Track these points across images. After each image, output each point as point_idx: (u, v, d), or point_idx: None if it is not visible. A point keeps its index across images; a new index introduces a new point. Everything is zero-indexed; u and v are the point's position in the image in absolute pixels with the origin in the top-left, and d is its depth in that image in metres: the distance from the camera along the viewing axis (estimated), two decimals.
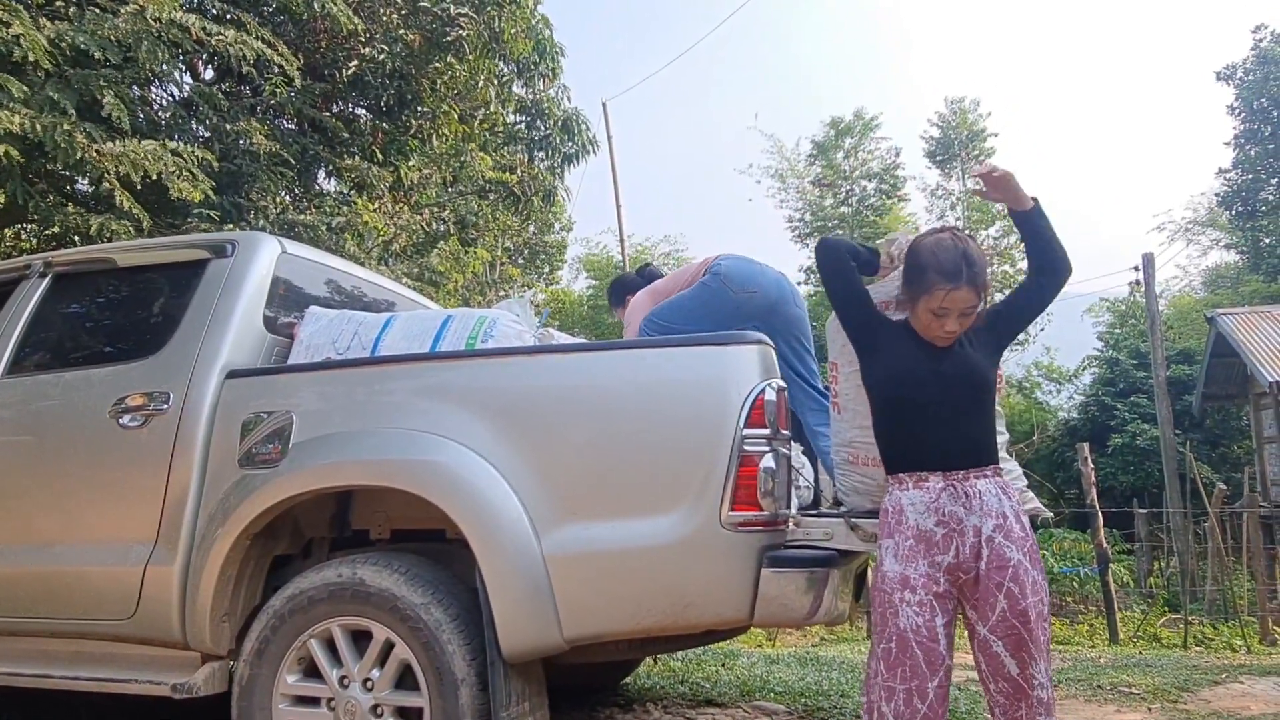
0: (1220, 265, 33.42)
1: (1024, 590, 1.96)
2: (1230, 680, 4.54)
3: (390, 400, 2.57)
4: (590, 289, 29.96)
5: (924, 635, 1.96)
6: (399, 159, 9.28)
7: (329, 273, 3.44)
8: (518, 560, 2.29)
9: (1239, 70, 27.26)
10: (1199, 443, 20.94)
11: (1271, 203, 26.96)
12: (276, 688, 2.46)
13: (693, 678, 4.38)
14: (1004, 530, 2.00)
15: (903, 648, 1.97)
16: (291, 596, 2.48)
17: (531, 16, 9.34)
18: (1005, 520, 2.01)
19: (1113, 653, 6.60)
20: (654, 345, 2.62)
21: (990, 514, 2.00)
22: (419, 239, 9.84)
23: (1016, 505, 2.05)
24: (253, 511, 2.53)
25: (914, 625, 1.96)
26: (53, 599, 2.77)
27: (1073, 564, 15.24)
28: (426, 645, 2.32)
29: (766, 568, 2.20)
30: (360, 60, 8.54)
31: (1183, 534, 12.56)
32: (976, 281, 2.03)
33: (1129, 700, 4.12)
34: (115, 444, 2.77)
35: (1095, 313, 33.29)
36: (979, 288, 2.04)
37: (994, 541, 1.99)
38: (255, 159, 7.39)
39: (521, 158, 10.50)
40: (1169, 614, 9.85)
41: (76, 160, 5.52)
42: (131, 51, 5.97)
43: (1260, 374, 15.10)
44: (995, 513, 2.00)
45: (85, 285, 3.29)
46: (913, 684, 1.95)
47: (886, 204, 28.72)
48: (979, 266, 2.03)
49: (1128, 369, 25.11)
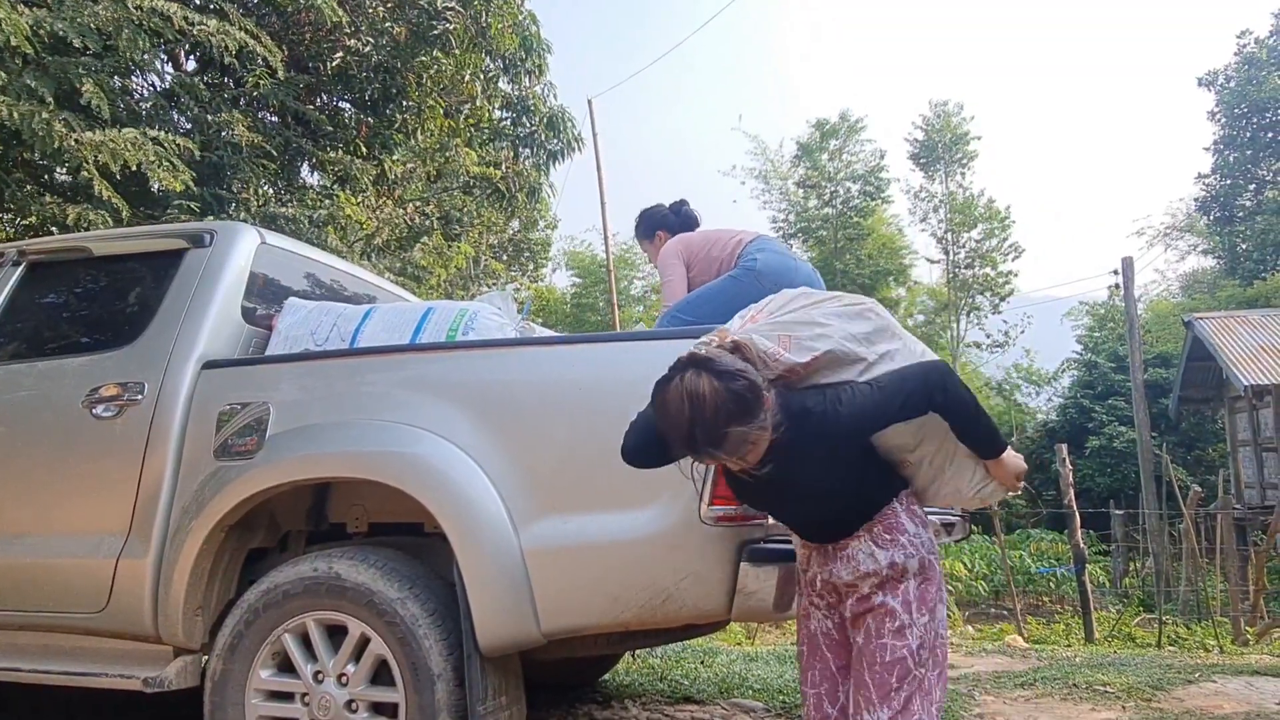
0: (1198, 270, 33.86)
1: (879, 632, 1.81)
2: (1203, 679, 4.59)
3: (369, 392, 2.54)
4: (574, 286, 29.94)
5: (834, 639, 1.97)
6: (383, 153, 9.22)
7: (309, 265, 3.41)
8: (496, 554, 2.27)
9: (1220, 76, 27.61)
10: (1175, 445, 21.19)
11: (1249, 208, 27.32)
12: (250, 682, 2.43)
13: (671, 675, 4.37)
14: (874, 581, 1.84)
15: (812, 649, 1.99)
16: (266, 590, 2.46)
17: (518, 12, 9.30)
18: (878, 573, 1.83)
19: (1088, 652, 6.66)
20: (634, 338, 2.61)
21: (860, 571, 1.85)
22: (402, 233, 9.79)
23: (894, 553, 1.83)
24: (228, 504, 2.50)
25: (824, 629, 1.98)
26: (23, 592, 2.72)
27: (1050, 564, 15.41)
28: (403, 640, 2.30)
29: (745, 562, 2.20)
30: (345, 53, 8.48)
31: (1158, 535, 12.70)
32: (720, 449, 1.66)
33: (1104, 699, 4.15)
34: (88, 434, 2.73)
35: (1074, 316, 33.64)
36: (728, 453, 1.68)
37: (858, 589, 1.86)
38: (237, 151, 7.33)
39: (506, 154, 10.45)
40: (1144, 614, 9.96)
41: (54, 149, 5.45)
42: (112, 40, 5.91)
43: (1235, 378, 15.29)
44: (867, 570, 1.84)
45: (60, 274, 3.24)
46: (823, 688, 1.97)
47: (870, 206, 28.87)
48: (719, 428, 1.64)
49: (1106, 372, 25.40)
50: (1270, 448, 15.68)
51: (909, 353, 1.91)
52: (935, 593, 1.86)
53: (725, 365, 1.68)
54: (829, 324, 1.86)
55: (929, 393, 1.77)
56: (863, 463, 1.84)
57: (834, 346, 1.83)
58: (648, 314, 29.66)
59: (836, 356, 1.83)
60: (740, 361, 1.72)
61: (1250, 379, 14.95)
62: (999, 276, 29.48)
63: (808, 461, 1.76)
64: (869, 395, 1.76)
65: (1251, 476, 16.24)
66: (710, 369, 1.67)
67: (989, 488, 1.91)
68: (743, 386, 1.67)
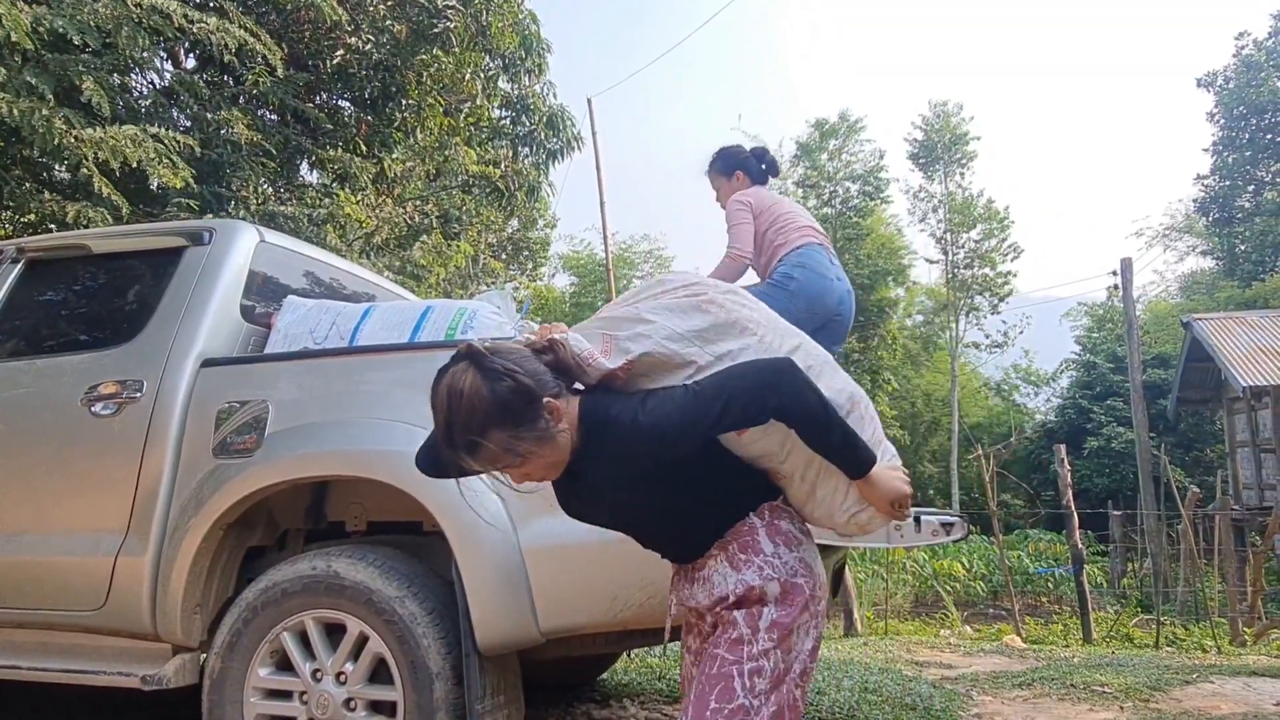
0: (1196, 271, 33.90)
1: (714, 640, 1.59)
2: (1201, 680, 4.60)
3: (368, 390, 2.54)
4: (572, 286, 29.96)
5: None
6: (383, 151, 9.22)
7: (308, 263, 3.41)
8: (494, 552, 2.27)
9: (1219, 77, 27.63)
10: (1173, 446, 21.22)
11: (1248, 209, 27.34)
12: (248, 681, 2.43)
13: (670, 674, 4.37)
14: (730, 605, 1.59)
15: (686, 681, 1.74)
16: (265, 589, 2.46)
17: (518, 11, 9.30)
18: (732, 597, 1.58)
19: (1086, 652, 6.67)
20: None
21: (714, 595, 1.60)
22: (401, 232, 9.78)
23: (748, 575, 1.57)
24: (226, 502, 2.50)
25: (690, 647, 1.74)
26: (21, 589, 2.72)
27: (1048, 564, 15.42)
28: (401, 639, 2.31)
29: None
30: (345, 51, 8.48)
31: (1156, 536, 12.71)
32: (475, 455, 1.47)
33: (1102, 699, 4.16)
34: (87, 432, 2.73)
35: (1073, 316, 33.70)
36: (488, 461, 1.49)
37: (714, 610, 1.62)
38: (237, 149, 7.32)
39: (506, 152, 10.44)
40: (1142, 614, 9.97)
41: (54, 146, 5.44)
42: (111, 37, 5.90)
43: (1234, 378, 15.30)
44: (722, 594, 1.59)
45: (59, 271, 3.23)
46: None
47: (869, 206, 28.87)
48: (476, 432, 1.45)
49: (1104, 373, 25.45)
50: (1268, 449, 15.70)
51: (767, 349, 1.62)
52: (796, 622, 1.57)
53: (494, 364, 1.47)
54: (652, 321, 1.61)
55: (760, 396, 1.50)
56: (706, 475, 1.61)
57: (652, 349, 1.58)
58: None
59: (656, 360, 1.58)
60: (514, 362, 1.49)
61: (1249, 380, 14.96)
62: (998, 277, 29.51)
63: (623, 476, 1.54)
64: (679, 402, 1.51)
65: (1250, 477, 16.26)
66: (479, 364, 1.47)
67: (865, 514, 1.62)
68: (507, 389, 1.46)
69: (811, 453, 1.58)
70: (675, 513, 1.63)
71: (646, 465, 1.54)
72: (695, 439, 1.53)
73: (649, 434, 1.50)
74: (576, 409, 1.54)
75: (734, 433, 1.60)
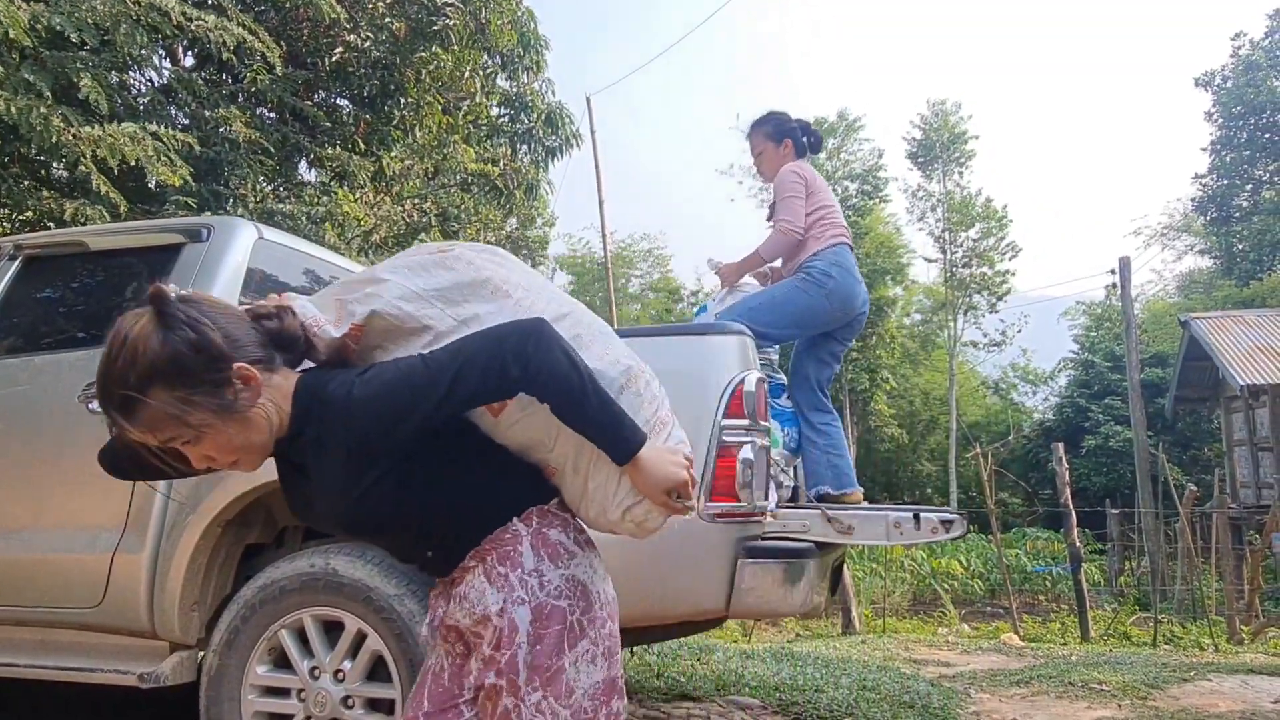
0: (1194, 270, 33.93)
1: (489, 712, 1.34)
2: (1198, 678, 4.60)
3: None
4: (570, 284, 29.97)
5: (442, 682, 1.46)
6: (381, 149, 9.21)
7: (306, 260, 3.40)
8: None
9: (1217, 77, 27.65)
10: (1171, 445, 21.26)
11: (1245, 208, 27.37)
12: (246, 678, 2.43)
13: (668, 672, 4.38)
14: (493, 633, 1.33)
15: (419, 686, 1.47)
16: (263, 586, 2.46)
17: (517, 9, 9.30)
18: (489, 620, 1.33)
19: (1084, 650, 6.68)
20: (633, 335, 2.61)
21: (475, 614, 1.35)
22: (400, 230, 9.76)
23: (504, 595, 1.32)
24: (224, 499, 2.50)
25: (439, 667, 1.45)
26: (18, 586, 2.72)
27: (1046, 563, 15.43)
28: (400, 636, 2.30)
29: (743, 559, 2.20)
30: (344, 49, 8.46)
31: (1154, 534, 12.72)
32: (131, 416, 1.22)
33: (1099, 697, 4.16)
34: (85, 429, 2.72)
35: (1071, 315, 33.73)
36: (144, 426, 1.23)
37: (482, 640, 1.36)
38: (235, 147, 7.31)
39: (505, 150, 10.44)
40: (1139, 613, 9.98)
41: (52, 144, 5.43)
42: (110, 35, 5.89)
43: (1232, 377, 15.32)
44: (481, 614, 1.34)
45: (56, 268, 3.23)
46: None
47: (868, 205, 28.90)
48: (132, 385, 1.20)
49: (1102, 371, 25.47)
50: (1266, 447, 15.72)
51: (526, 314, 1.35)
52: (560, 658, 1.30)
53: (177, 311, 1.23)
54: (385, 280, 1.38)
55: (500, 365, 1.25)
56: (458, 468, 1.37)
57: (381, 308, 1.35)
58: (644, 312, 29.69)
59: (388, 324, 1.36)
60: (207, 315, 1.25)
61: (1246, 379, 14.97)
62: (996, 276, 29.55)
63: (350, 468, 1.28)
64: (402, 371, 1.27)
65: (1247, 476, 16.29)
66: (160, 309, 1.22)
67: (640, 508, 1.37)
68: (183, 342, 1.21)
69: (577, 437, 1.35)
70: (422, 515, 1.36)
71: (374, 452, 1.27)
72: (423, 416, 1.26)
73: (364, 410, 1.25)
74: (293, 386, 1.31)
75: (491, 414, 1.37)
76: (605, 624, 1.38)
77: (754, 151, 3.59)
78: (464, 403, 1.29)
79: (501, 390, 1.29)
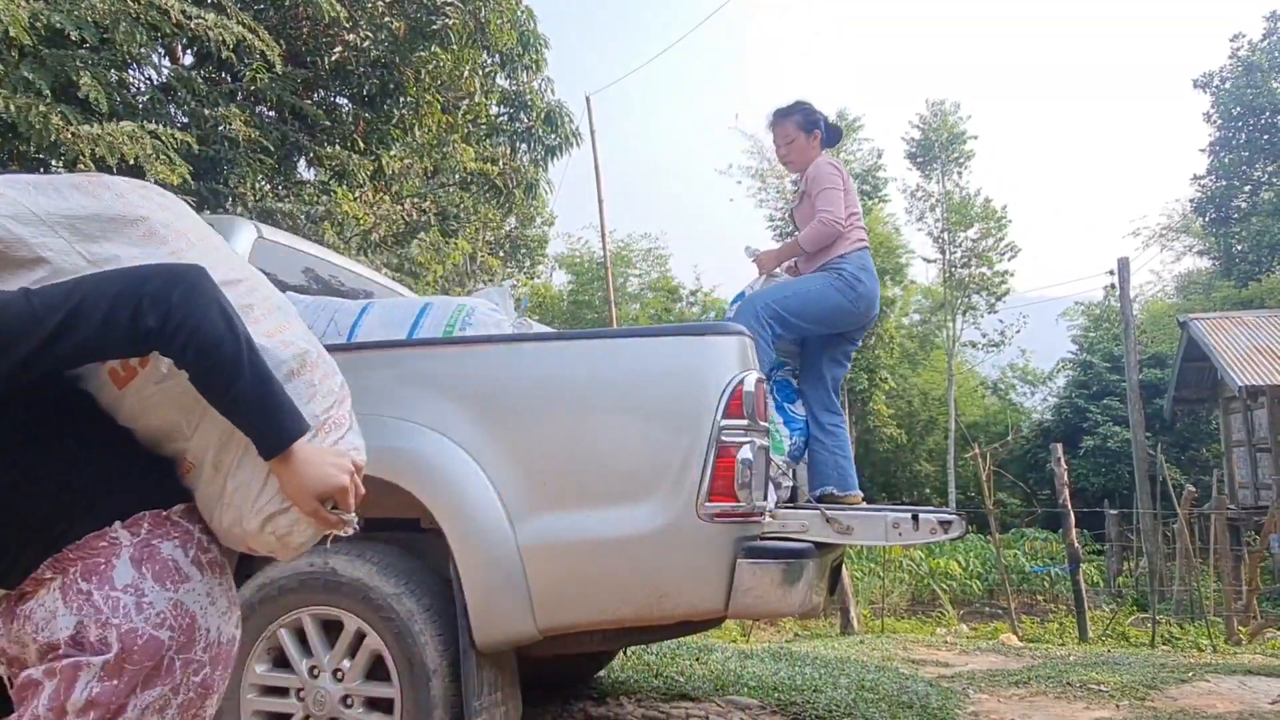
0: (1193, 271, 33.94)
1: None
2: (1196, 679, 4.61)
3: (365, 387, 2.53)
4: (570, 283, 29.96)
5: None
6: (380, 148, 9.20)
7: (306, 259, 3.40)
8: (492, 550, 2.27)
9: (1216, 78, 27.68)
10: (1169, 446, 21.26)
11: (1244, 209, 27.39)
12: (245, 677, 2.42)
13: (666, 672, 4.38)
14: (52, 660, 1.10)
15: None
16: (262, 585, 2.45)
17: (516, 8, 9.29)
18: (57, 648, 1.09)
19: (1082, 651, 6.68)
20: (633, 335, 2.61)
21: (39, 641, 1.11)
22: (399, 229, 9.77)
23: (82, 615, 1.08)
24: None
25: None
26: None
27: (1044, 563, 15.44)
28: (399, 636, 2.30)
29: (742, 559, 2.20)
30: (344, 48, 8.46)
31: (1152, 535, 12.73)
32: None
33: (1098, 697, 4.17)
34: None
35: (1070, 316, 33.75)
36: None
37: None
38: (234, 145, 7.30)
39: (504, 150, 10.44)
40: (1137, 613, 9.99)
41: (51, 142, 5.43)
42: (109, 33, 5.88)
43: (1230, 378, 15.33)
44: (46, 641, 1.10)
45: None
46: None
47: (867, 205, 28.89)
48: None
49: (1101, 372, 25.48)
50: (1264, 448, 15.73)
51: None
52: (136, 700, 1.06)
53: None
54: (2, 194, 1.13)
55: (131, 311, 1.01)
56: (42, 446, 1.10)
57: None
58: (643, 311, 29.68)
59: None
60: None
61: (1245, 379, 14.98)
62: (995, 276, 29.55)
63: None
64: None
65: (1245, 476, 16.30)
66: None
67: (285, 517, 1.15)
68: None
69: (220, 427, 1.11)
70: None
71: None
72: (12, 363, 0.98)
73: None
74: None
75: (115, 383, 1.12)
76: (200, 670, 1.12)
77: (783, 140, 3.57)
78: (74, 353, 1.01)
79: (128, 344, 1.03)
